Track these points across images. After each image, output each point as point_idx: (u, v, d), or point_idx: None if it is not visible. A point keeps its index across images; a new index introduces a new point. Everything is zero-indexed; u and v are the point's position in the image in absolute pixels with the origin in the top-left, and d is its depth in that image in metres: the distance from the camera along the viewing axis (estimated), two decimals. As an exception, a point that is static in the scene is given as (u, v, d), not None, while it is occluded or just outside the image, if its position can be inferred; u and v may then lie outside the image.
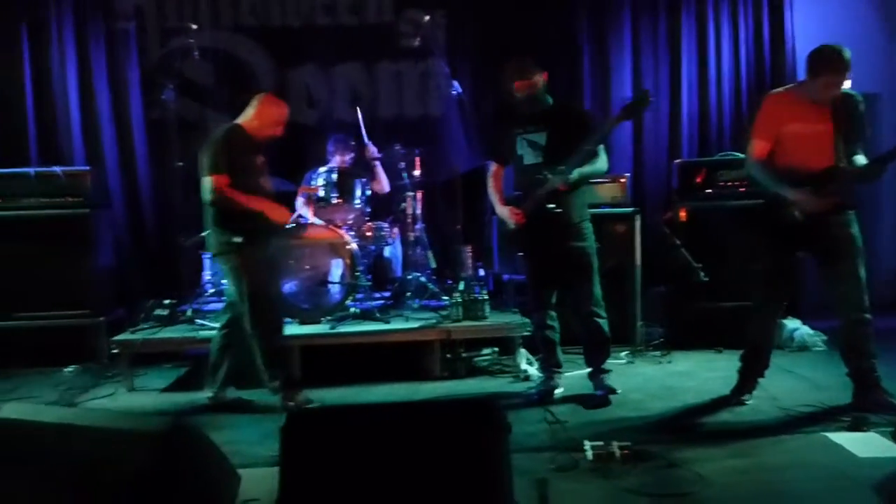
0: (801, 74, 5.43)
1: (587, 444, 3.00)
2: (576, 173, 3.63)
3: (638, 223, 5.05)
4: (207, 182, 3.67)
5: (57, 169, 5.10)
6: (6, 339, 4.94)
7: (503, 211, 3.88)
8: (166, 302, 4.84)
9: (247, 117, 3.83)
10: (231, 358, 3.90)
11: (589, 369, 3.96)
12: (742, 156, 4.96)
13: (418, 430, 2.12)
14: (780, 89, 3.65)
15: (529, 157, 3.79)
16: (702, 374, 4.38)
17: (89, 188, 5.12)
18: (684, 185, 5.18)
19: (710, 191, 5.12)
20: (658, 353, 4.88)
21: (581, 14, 5.94)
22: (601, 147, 3.73)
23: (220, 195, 3.65)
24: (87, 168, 5.28)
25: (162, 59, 5.67)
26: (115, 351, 4.41)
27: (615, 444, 2.97)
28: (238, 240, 3.64)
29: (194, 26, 5.13)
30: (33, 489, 2.22)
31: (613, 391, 3.84)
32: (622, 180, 5.22)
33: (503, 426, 2.10)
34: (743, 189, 5.00)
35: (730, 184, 5.10)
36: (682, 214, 5.07)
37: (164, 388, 4.49)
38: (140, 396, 4.29)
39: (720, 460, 2.93)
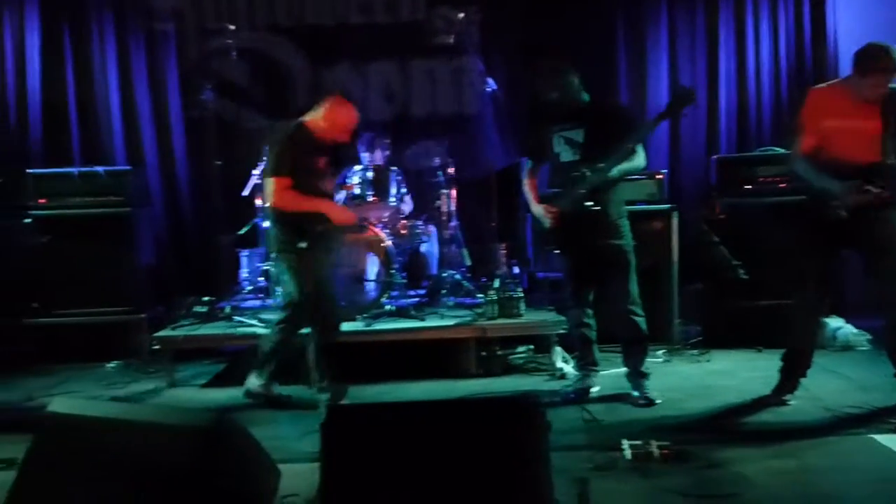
0: (843, 67, 5.39)
1: (625, 444, 2.97)
2: (615, 171, 3.60)
3: (675, 220, 4.99)
4: (269, 184, 3.67)
5: (99, 169, 5.21)
6: (51, 335, 5.07)
7: (538, 209, 3.86)
8: (205, 299, 4.92)
9: (315, 117, 3.78)
10: (282, 355, 3.90)
11: (626, 369, 3.91)
12: (782, 151, 4.92)
13: (459, 427, 2.12)
14: (824, 84, 3.58)
15: (566, 155, 3.76)
16: (741, 373, 4.31)
17: (130, 187, 5.22)
18: (723, 182, 5.10)
19: (749, 187, 5.04)
20: (696, 351, 4.81)
21: (617, 8, 5.89)
22: (641, 142, 3.69)
23: (281, 197, 3.63)
24: (129, 168, 5.39)
25: (200, 60, 5.76)
26: (156, 347, 4.50)
27: (654, 443, 2.94)
28: (303, 245, 3.63)
29: (231, 27, 5.19)
30: (81, 481, 2.28)
31: (652, 403, 3.74)
32: (658, 177, 5.16)
33: (543, 424, 2.09)
34: (783, 185, 4.91)
35: (770, 180, 5.01)
36: (716, 210, 4.99)
37: (203, 383, 4.56)
38: (181, 392, 4.37)
39: (762, 461, 2.88)
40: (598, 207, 3.63)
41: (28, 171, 5.23)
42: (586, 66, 3.93)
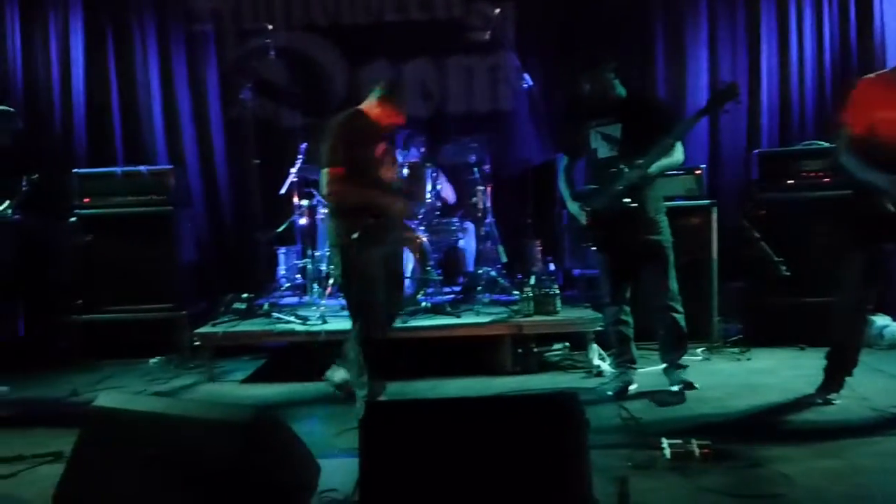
0: (891, 58, 5.24)
1: (665, 442, 2.94)
2: (653, 167, 3.55)
3: (714, 216, 4.91)
4: (323, 175, 3.56)
5: (142, 168, 5.32)
6: (96, 331, 5.19)
7: (575, 206, 3.83)
8: (244, 296, 4.99)
9: (370, 103, 3.68)
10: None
11: (664, 365, 3.87)
12: (826, 145, 4.81)
13: (498, 424, 2.12)
14: (873, 75, 3.48)
15: (604, 151, 3.72)
16: (784, 371, 4.22)
17: (172, 186, 5.32)
18: (765, 176, 5.01)
19: (792, 182, 4.94)
20: (736, 349, 4.74)
21: (655, 1, 5.80)
22: (680, 138, 3.63)
23: (334, 188, 3.53)
24: (170, 167, 5.49)
25: (239, 60, 5.84)
26: (197, 343, 4.58)
27: (694, 442, 2.89)
28: (354, 236, 3.53)
29: (269, 26, 5.26)
30: (127, 474, 2.33)
31: (692, 386, 3.75)
32: (697, 172, 5.08)
33: (582, 421, 2.08)
34: (827, 179, 4.81)
35: (813, 174, 4.91)
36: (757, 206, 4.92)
37: (243, 379, 4.63)
38: (221, 387, 4.44)
39: (807, 461, 2.82)
40: (636, 204, 3.59)
41: (73, 170, 5.36)
42: (624, 60, 3.89)
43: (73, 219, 5.24)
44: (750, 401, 3.68)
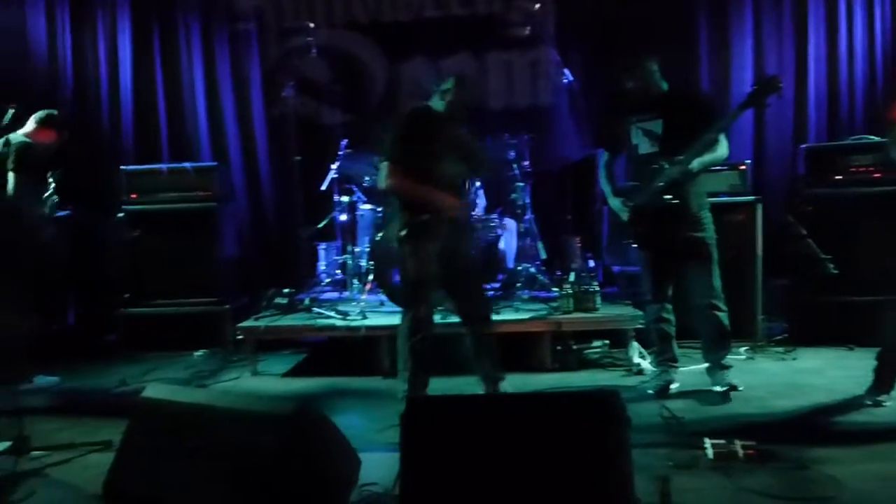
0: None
1: (707, 442, 2.90)
2: (696, 163, 3.50)
3: (759, 212, 4.82)
4: (382, 168, 3.59)
5: (187, 165, 5.43)
6: (142, 324, 5.32)
7: (616, 202, 3.79)
8: (286, 291, 5.05)
9: (436, 99, 3.64)
10: (468, 346, 3.80)
11: (707, 364, 3.81)
12: (876, 139, 4.67)
13: (539, 421, 2.11)
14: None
15: (645, 147, 3.68)
16: (831, 372, 4.13)
17: (216, 183, 5.41)
18: (812, 172, 4.89)
19: (840, 177, 4.82)
20: (781, 349, 4.65)
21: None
22: (721, 133, 3.57)
23: (389, 182, 3.56)
24: (214, 164, 5.58)
25: (281, 58, 5.92)
26: (239, 337, 4.66)
27: (738, 442, 2.85)
28: (403, 233, 3.57)
29: (311, 25, 5.30)
30: (173, 464, 2.39)
31: (735, 388, 3.68)
32: (742, 167, 4.99)
33: (624, 419, 2.06)
34: (878, 175, 4.68)
35: (862, 169, 4.78)
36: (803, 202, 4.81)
37: (284, 372, 4.69)
38: (263, 380, 4.51)
39: (856, 464, 2.76)
40: (677, 200, 3.54)
41: (121, 167, 5.49)
42: (666, 54, 3.81)
43: (121, 214, 5.37)
44: (796, 401, 3.60)
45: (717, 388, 3.69)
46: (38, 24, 5.98)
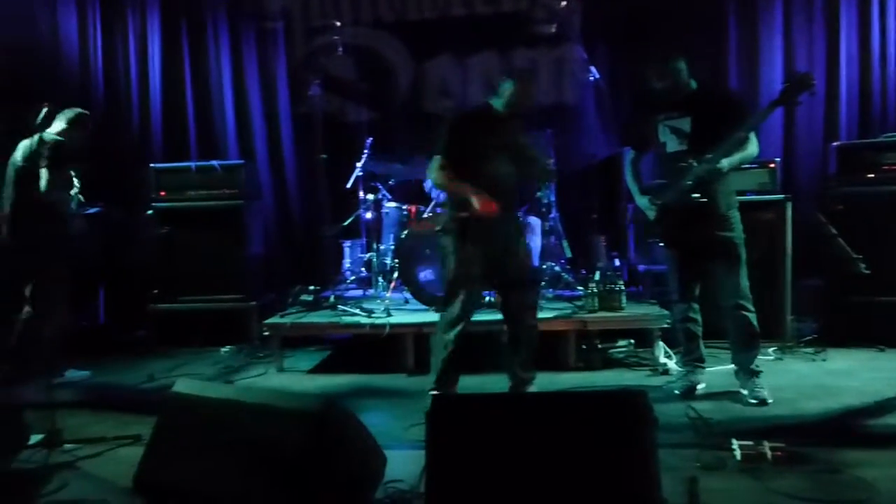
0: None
1: (735, 443, 2.86)
2: (725, 162, 3.45)
3: (789, 211, 4.75)
4: (432, 160, 3.58)
5: (214, 163, 5.48)
6: (171, 320, 5.39)
7: (643, 201, 3.76)
8: (311, 288, 5.09)
9: (499, 96, 3.57)
10: (505, 344, 3.80)
11: (735, 367, 3.74)
12: (912, 137, 4.59)
13: (565, 419, 2.11)
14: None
15: (673, 145, 3.63)
16: (862, 373, 4.07)
17: (243, 181, 5.47)
18: (843, 170, 4.81)
19: (872, 175, 4.74)
20: (810, 349, 4.58)
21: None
22: (751, 131, 3.52)
23: (432, 176, 3.58)
24: (241, 161, 5.63)
25: (308, 57, 5.96)
26: (266, 333, 4.70)
27: (766, 444, 2.81)
28: (438, 228, 3.60)
29: (338, 24, 5.33)
30: (203, 458, 2.42)
31: (764, 402, 3.56)
32: (771, 165, 4.93)
33: (651, 419, 2.05)
34: (912, 173, 4.59)
35: (895, 167, 4.69)
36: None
37: (309, 369, 4.73)
38: (289, 377, 4.55)
39: (889, 467, 2.71)
40: (706, 199, 3.49)
41: (151, 165, 5.57)
42: (694, 51, 3.79)
43: (150, 211, 5.45)
44: (826, 403, 3.55)
45: (745, 393, 3.63)
46: (69, 23, 6.09)
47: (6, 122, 4.39)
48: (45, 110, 3.55)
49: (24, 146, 4.22)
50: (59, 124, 4.31)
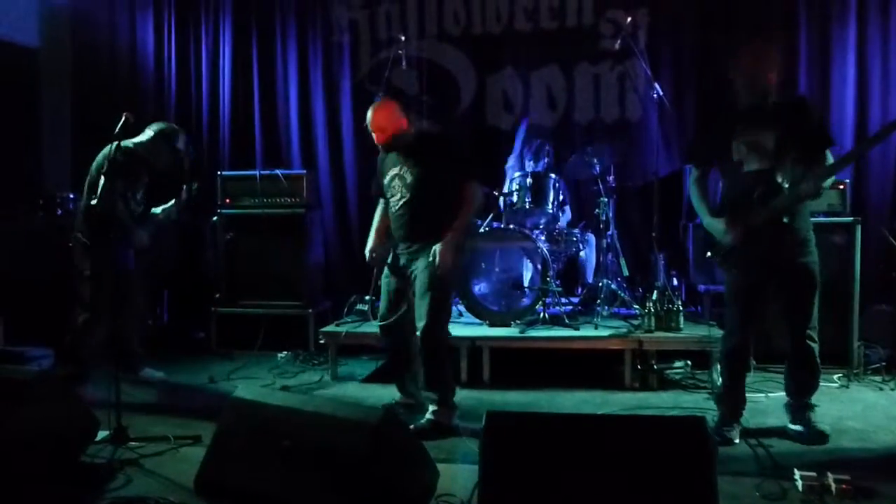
0: None
1: (797, 474, 2.78)
2: (826, 182, 3.27)
3: (858, 233, 4.59)
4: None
5: (278, 172, 5.62)
6: (231, 323, 5.53)
7: (715, 222, 3.47)
8: (367, 298, 5.14)
9: None
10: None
11: (788, 399, 3.53)
12: None
13: (622, 443, 2.09)
14: None
15: (752, 163, 3.38)
16: (936, 405, 3.90)
17: (305, 190, 5.57)
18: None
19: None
20: (878, 377, 4.41)
21: (798, 6, 5.46)
22: (828, 151, 3.35)
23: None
24: (304, 171, 5.75)
25: (372, 69, 6.05)
26: (321, 341, 4.78)
27: (830, 476, 2.72)
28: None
29: (402, 37, 5.40)
30: (262, 463, 2.47)
31: (824, 437, 3.36)
32: (841, 187, 4.76)
33: (711, 447, 2.01)
34: None
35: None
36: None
37: (363, 378, 4.78)
38: (343, 385, 4.61)
39: (961, 506, 2.60)
40: (794, 223, 3.30)
41: (218, 172, 5.74)
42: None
43: (216, 218, 5.62)
44: (894, 434, 3.41)
45: (800, 429, 3.42)
46: (146, 31, 6.36)
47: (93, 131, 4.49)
48: (124, 118, 3.66)
49: (101, 154, 4.23)
50: (145, 135, 4.36)
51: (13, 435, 2.63)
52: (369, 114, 3.80)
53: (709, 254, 3.53)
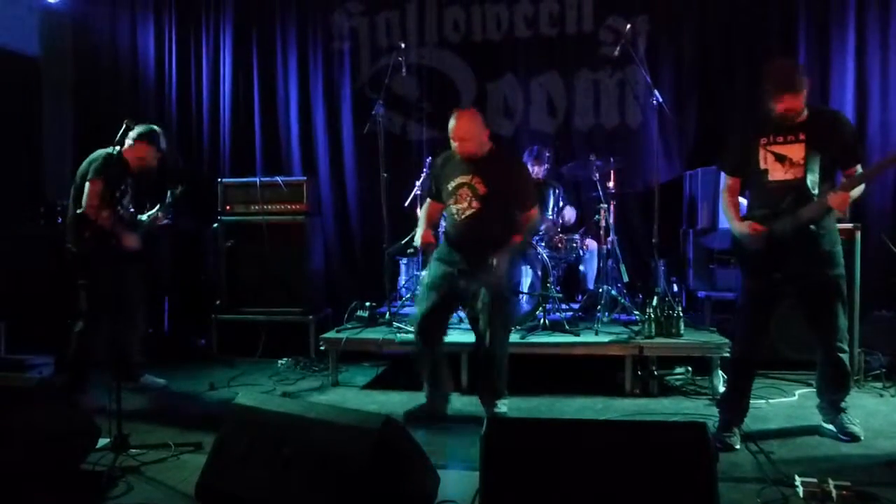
0: None
1: (798, 480, 2.78)
2: (856, 192, 3.28)
3: (858, 238, 4.60)
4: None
5: (278, 179, 5.63)
6: (233, 330, 5.54)
7: (741, 228, 3.44)
8: (367, 304, 5.16)
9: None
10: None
11: (821, 403, 3.59)
12: None
13: (622, 450, 2.09)
14: None
15: (778, 172, 3.37)
16: (935, 411, 3.89)
17: (306, 197, 5.59)
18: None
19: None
20: (879, 384, 4.41)
21: (798, 12, 5.48)
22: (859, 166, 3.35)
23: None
24: (304, 178, 5.76)
25: (372, 76, 6.07)
26: (322, 347, 4.78)
27: (831, 482, 2.72)
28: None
29: (402, 44, 5.42)
30: (263, 469, 2.47)
31: (857, 438, 3.41)
32: (841, 192, 4.77)
33: (712, 453, 2.01)
34: None
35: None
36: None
37: (364, 384, 4.78)
38: (344, 391, 4.61)
39: (963, 513, 2.59)
40: (814, 228, 3.30)
41: (219, 179, 5.75)
42: (758, 73, 3.65)
43: (216, 224, 5.62)
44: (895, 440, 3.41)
45: (833, 429, 3.49)
46: (146, 39, 6.39)
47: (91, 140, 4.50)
48: (126, 125, 3.67)
49: (85, 162, 4.21)
50: (128, 140, 4.31)
51: (14, 442, 2.63)
52: (452, 122, 3.84)
53: (731, 260, 3.52)
